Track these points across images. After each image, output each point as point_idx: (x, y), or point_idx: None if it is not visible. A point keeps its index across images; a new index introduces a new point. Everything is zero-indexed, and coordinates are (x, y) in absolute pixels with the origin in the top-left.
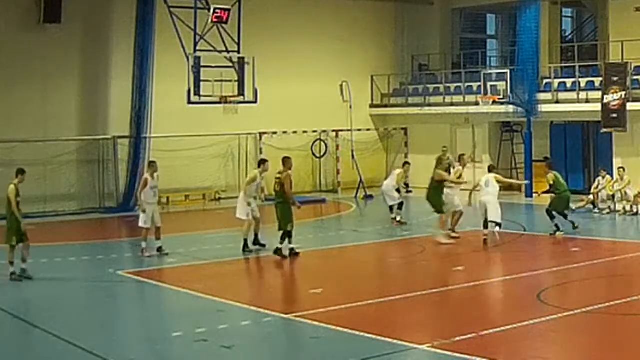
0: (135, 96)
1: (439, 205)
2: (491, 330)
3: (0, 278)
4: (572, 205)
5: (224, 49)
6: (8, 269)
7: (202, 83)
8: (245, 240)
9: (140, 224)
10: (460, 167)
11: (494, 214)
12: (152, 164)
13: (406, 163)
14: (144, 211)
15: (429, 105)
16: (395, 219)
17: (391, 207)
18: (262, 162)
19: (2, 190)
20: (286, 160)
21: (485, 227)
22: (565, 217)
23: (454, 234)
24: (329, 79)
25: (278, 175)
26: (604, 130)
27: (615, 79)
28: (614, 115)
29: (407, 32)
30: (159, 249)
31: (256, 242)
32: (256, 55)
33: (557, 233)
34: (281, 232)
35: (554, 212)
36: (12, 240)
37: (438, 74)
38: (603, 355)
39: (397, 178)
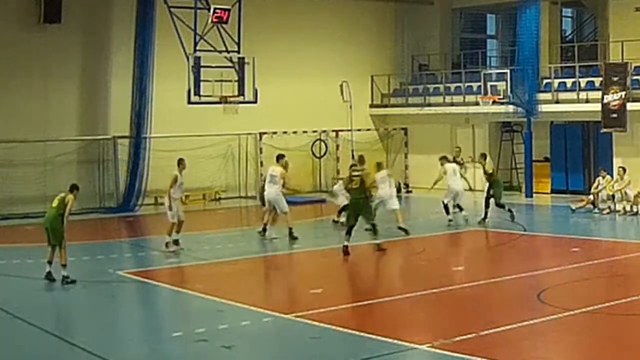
0: (135, 96)
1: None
2: (491, 330)
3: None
4: (572, 205)
5: (224, 49)
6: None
7: (202, 83)
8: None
9: (169, 219)
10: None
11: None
12: (181, 161)
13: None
14: (170, 208)
15: (429, 105)
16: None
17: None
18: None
19: (2, 190)
20: (362, 159)
21: (447, 212)
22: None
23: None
24: (329, 79)
25: (357, 173)
26: (604, 130)
27: (615, 79)
28: (614, 115)
29: (407, 32)
30: (176, 242)
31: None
32: (256, 55)
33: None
34: (349, 228)
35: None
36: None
37: (438, 74)
38: (603, 355)
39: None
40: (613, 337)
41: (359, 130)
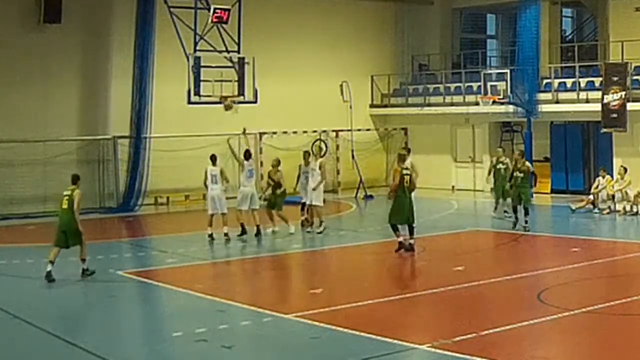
0: (135, 96)
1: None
2: (491, 330)
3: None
4: (573, 206)
5: (224, 49)
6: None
7: (202, 83)
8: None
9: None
10: None
11: None
12: (213, 156)
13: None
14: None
15: (429, 105)
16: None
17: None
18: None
19: (2, 190)
20: (403, 156)
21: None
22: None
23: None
24: (329, 78)
25: (407, 172)
26: (604, 130)
27: (615, 79)
28: (614, 115)
29: (407, 32)
30: (226, 235)
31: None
32: (256, 55)
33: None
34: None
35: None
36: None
37: (438, 74)
38: (603, 354)
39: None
40: (613, 336)
41: (359, 130)
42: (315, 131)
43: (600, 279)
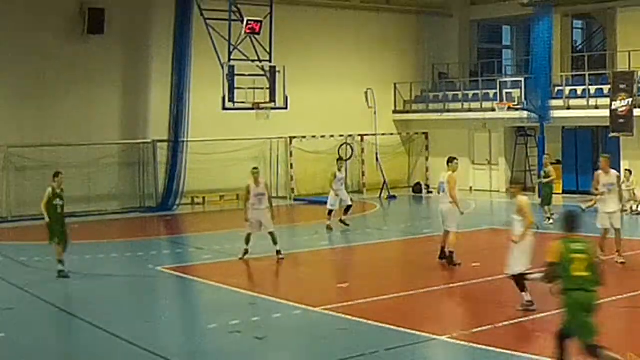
0: (173, 102)
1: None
2: (507, 322)
3: (46, 273)
4: (583, 205)
5: (257, 58)
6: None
7: (235, 90)
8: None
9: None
10: None
11: None
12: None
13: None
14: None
15: (448, 111)
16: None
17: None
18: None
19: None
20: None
21: None
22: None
23: None
24: (354, 86)
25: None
26: (612, 134)
27: (623, 86)
28: (622, 121)
29: (427, 43)
30: (342, 221)
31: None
32: (287, 64)
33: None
34: None
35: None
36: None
37: (457, 81)
38: (612, 345)
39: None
40: (621, 328)
41: (383, 134)
42: (342, 135)
43: (609, 274)
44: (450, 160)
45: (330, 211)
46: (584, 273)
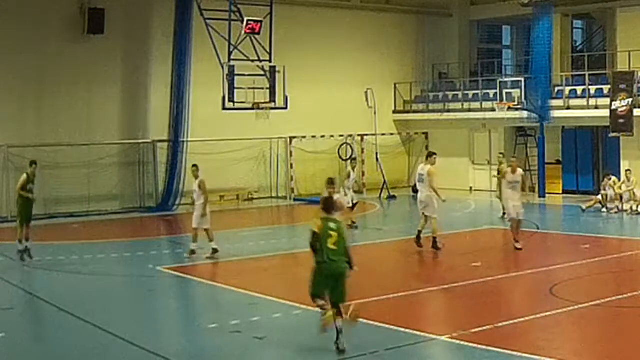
0: (174, 102)
1: None
2: (507, 322)
3: (46, 273)
4: (583, 205)
5: (257, 58)
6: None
7: (235, 90)
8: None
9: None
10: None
11: None
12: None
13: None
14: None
15: (449, 111)
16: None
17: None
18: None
19: (49, 191)
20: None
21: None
22: None
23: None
24: (354, 86)
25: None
26: (612, 134)
27: (623, 86)
28: (622, 121)
29: (427, 43)
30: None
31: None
32: (287, 64)
33: None
34: None
35: None
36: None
37: (457, 81)
38: (612, 345)
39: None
40: (622, 328)
41: (383, 134)
42: (341, 135)
43: (609, 274)
44: (430, 155)
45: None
46: (334, 247)
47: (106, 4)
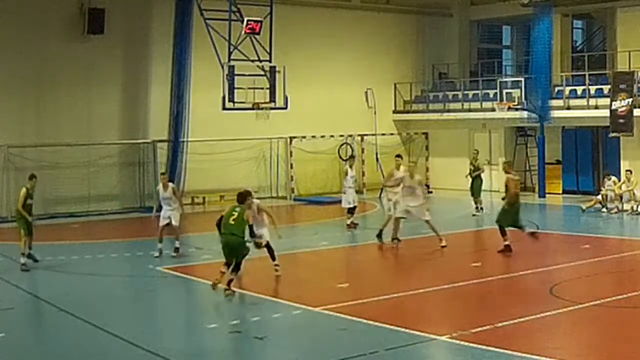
0: (173, 102)
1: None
2: (507, 322)
3: (46, 273)
4: (583, 205)
5: (257, 58)
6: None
7: (235, 90)
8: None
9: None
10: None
11: None
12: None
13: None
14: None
15: (449, 111)
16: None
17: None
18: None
19: (49, 191)
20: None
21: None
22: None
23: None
24: (354, 86)
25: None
26: (612, 134)
27: (623, 86)
28: (622, 121)
29: (427, 43)
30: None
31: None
32: (286, 64)
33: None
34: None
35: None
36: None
37: (457, 81)
38: (612, 345)
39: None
40: (621, 328)
41: (383, 134)
42: (341, 135)
43: (609, 274)
44: (396, 156)
45: (349, 209)
46: (232, 222)
47: (106, 4)
